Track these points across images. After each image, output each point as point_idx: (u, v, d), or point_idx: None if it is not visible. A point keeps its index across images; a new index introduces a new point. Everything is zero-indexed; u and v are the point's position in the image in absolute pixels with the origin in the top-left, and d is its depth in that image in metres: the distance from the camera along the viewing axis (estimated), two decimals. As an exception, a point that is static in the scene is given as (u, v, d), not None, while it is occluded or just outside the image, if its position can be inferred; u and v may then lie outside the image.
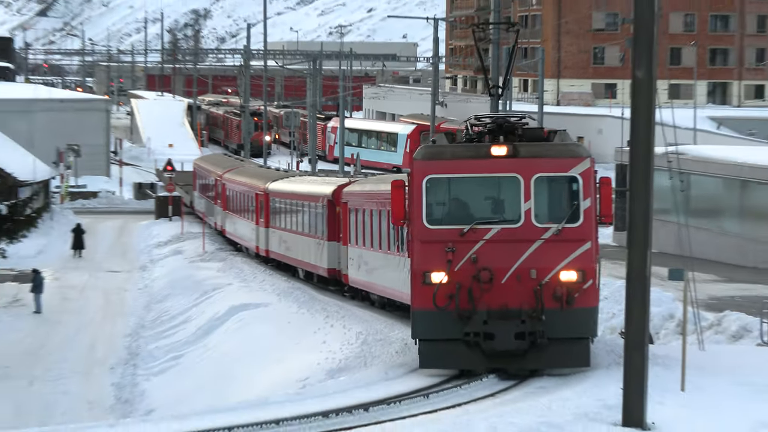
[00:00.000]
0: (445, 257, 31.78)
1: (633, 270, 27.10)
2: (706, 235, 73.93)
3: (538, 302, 31.36)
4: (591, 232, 32.63)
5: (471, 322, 31.30)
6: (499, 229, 31.80)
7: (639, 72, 26.75)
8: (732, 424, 26.68)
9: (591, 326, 32.67)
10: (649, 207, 27.09)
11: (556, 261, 31.38)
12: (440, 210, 32.46)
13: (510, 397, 31.65)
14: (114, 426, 29.57)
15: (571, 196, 32.03)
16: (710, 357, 37.95)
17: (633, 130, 26.99)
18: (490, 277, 31.18)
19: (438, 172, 32.11)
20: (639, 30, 26.57)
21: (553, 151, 32.85)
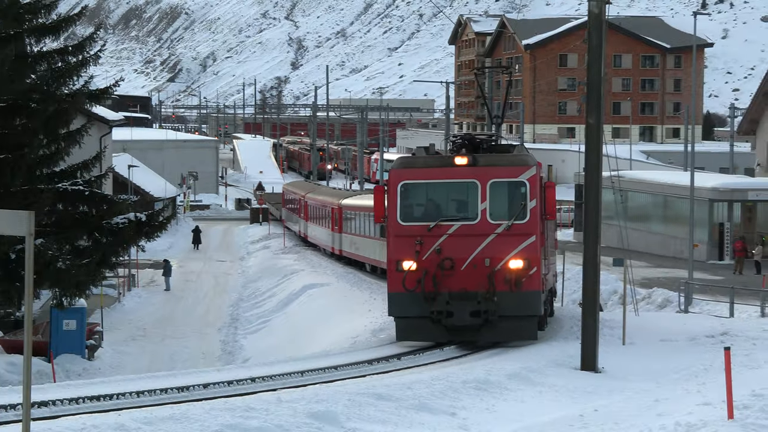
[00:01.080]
0: (414, 249, 30.82)
1: (587, 259, 27.25)
2: (638, 234, 73.41)
3: (491, 286, 30.03)
4: (536, 228, 30.89)
5: (435, 303, 30.27)
6: (459, 225, 30.92)
7: (590, 119, 26.69)
8: (656, 368, 26.71)
9: (536, 306, 30.94)
10: (598, 214, 27.06)
11: (506, 251, 30.24)
12: (411, 210, 31.78)
13: (499, 350, 31.71)
14: (221, 370, 29.64)
15: (520, 198, 30.73)
16: (643, 321, 37.69)
17: (587, 160, 27.07)
18: (451, 265, 30.25)
19: (410, 178, 31.57)
20: (590, 90, 26.43)
21: (505, 161, 31.91)
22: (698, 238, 67.28)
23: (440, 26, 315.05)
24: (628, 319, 34.73)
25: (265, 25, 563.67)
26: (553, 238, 42.56)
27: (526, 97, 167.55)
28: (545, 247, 32.84)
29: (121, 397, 20.06)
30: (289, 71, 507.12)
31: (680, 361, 27.81)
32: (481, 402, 21.03)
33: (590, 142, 26.83)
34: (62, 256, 35.51)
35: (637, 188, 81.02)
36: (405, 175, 31.73)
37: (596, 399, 22.13)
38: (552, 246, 40.58)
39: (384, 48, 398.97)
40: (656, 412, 18.96)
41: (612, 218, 60.13)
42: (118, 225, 38.00)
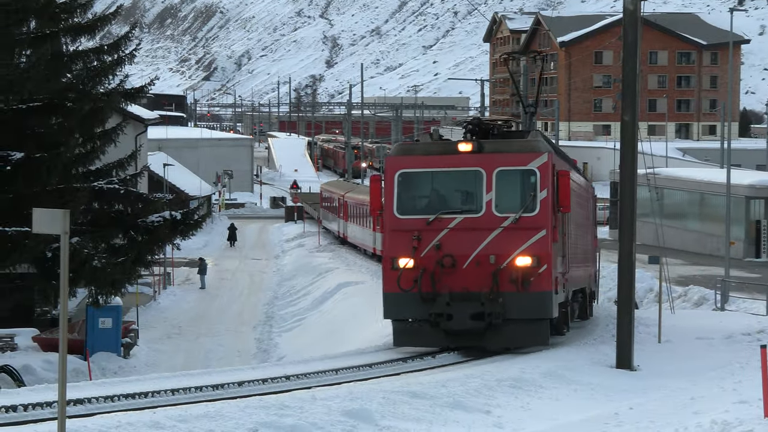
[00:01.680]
0: (411, 244, 26.59)
1: (623, 256, 27.08)
2: (674, 232, 73.08)
3: (495, 285, 25.87)
4: (547, 221, 26.49)
5: (435, 304, 26.21)
6: (462, 218, 26.41)
7: (626, 116, 26.56)
8: (692, 366, 26.55)
9: (547, 308, 26.54)
10: (634, 212, 27.00)
11: (513, 247, 25.91)
12: (409, 201, 27.22)
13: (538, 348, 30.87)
14: (255, 368, 29.38)
15: (529, 188, 26.40)
16: (679, 319, 37.55)
17: (622, 157, 26.95)
18: (452, 262, 25.90)
19: (408, 166, 27.29)
20: (626, 87, 26.37)
21: (514, 147, 27.68)
22: (734, 235, 67.21)
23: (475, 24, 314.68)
24: (664, 317, 34.58)
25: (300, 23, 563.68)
26: (593, 235, 40.56)
27: (561, 95, 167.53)
28: (560, 242, 28.41)
29: (156, 395, 20.12)
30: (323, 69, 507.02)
31: (716, 359, 27.71)
32: (516, 400, 20.97)
33: (625, 139, 26.75)
34: (98, 255, 35.64)
35: (673, 186, 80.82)
36: (402, 163, 27.73)
37: (631, 397, 22.07)
38: (589, 244, 38.54)
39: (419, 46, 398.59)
40: (692, 411, 18.91)
41: (647, 216, 59.89)
42: (154, 223, 38.14)
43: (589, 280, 37.65)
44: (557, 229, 26.90)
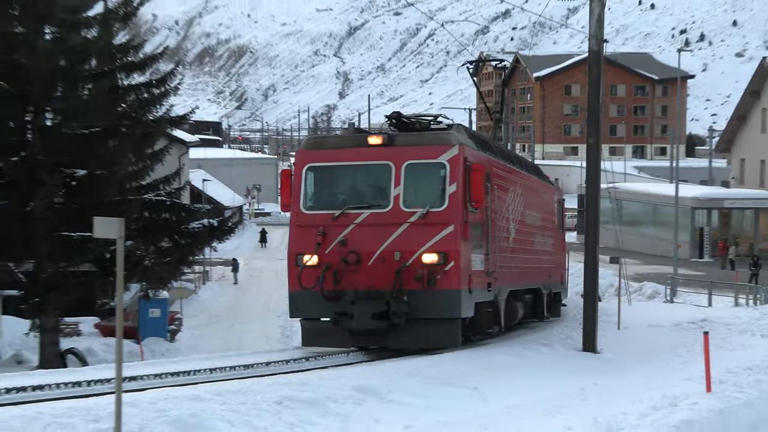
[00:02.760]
0: (315, 240, 21.91)
1: (588, 257, 27.02)
2: (631, 237, 73.00)
3: (399, 283, 21.14)
4: (455, 216, 21.57)
5: (339, 303, 21.68)
6: (369, 213, 21.72)
7: (591, 139, 26.56)
8: (646, 349, 26.56)
9: (454, 308, 21.65)
10: (597, 219, 26.93)
11: (419, 244, 21.26)
12: (317, 196, 22.58)
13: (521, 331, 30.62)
14: (281, 351, 29.09)
15: (438, 182, 21.67)
16: (635, 309, 37.61)
17: (587, 174, 26.88)
18: (357, 259, 21.34)
19: (317, 160, 22.58)
20: (590, 115, 26.36)
21: (424, 140, 22.72)
22: (681, 239, 67.33)
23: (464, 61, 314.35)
24: (623, 308, 34.52)
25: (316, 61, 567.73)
26: (561, 239, 35.57)
27: (536, 121, 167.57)
28: (479, 239, 22.79)
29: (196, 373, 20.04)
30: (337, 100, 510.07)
31: (666, 343, 27.68)
32: (498, 379, 20.66)
33: (590, 159, 26.73)
34: (148, 256, 36.04)
35: (630, 198, 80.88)
36: (311, 157, 22.90)
37: (595, 375, 22.01)
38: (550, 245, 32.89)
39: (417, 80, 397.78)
40: (646, 387, 18.93)
41: (608, 223, 59.89)
42: (195, 229, 38.55)
43: (549, 281, 32.12)
44: (469, 224, 21.49)
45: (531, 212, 28.46)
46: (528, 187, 28.22)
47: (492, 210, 23.37)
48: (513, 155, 29.63)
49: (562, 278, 34.99)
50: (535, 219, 29.07)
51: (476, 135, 24.64)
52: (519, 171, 27.17)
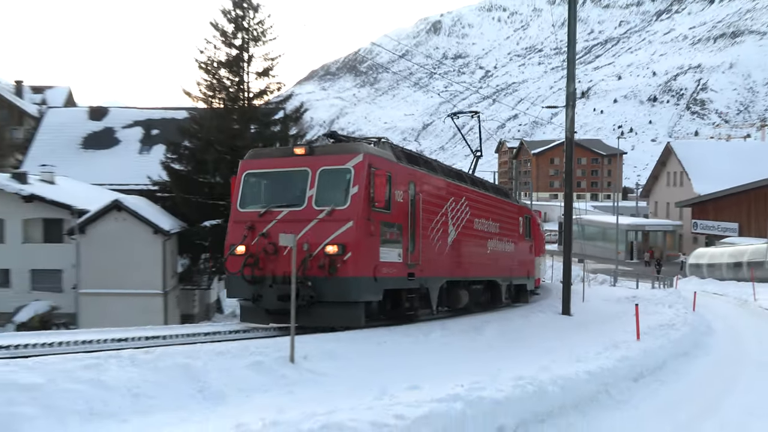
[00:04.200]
0: (244, 233, 17.68)
1: (565, 258, 26.48)
2: (590, 247, 72.08)
3: (304, 270, 16.46)
4: (356, 214, 16.93)
5: (258, 286, 17.23)
6: (287, 211, 17.49)
7: (567, 190, 26.16)
8: (601, 314, 25.79)
9: (352, 292, 16.83)
10: (570, 236, 26.46)
11: (324, 237, 16.90)
12: (250, 197, 18.28)
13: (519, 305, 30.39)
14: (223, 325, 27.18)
15: (344, 184, 17.40)
16: (592, 290, 36.91)
17: (565, 209, 26.37)
18: (274, 249, 17.01)
19: (254, 168, 18.37)
20: (566, 175, 25.97)
21: (337, 149, 18.19)
22: (620, 249, 67.33)
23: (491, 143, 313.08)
24: (585, 289, 34.22)
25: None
26: (529, 244, 29.45)
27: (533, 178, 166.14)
28: (387, 235, 17.38)
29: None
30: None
31: (613, 310, 27.11)
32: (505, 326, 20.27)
33: (566, 201, 26.27)
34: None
35: (589, 224, 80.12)
36: (250, 165, 18.66)
37: (571, 329, 21.66)
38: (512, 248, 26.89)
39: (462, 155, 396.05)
40: (601, 337, 18.57)
41: (577, 238, 59.50)
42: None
43: (511, 275, 26.71)
44: (376, 222, 16.62)
45: (482, 220, 23.28)
46: (478, 201, 22.87)
47: (417, 213, 18.24)
48: (467, 176, 23.54)
49: (528, 273, 29.09)
50: (488, 226, 23.80)
51: (407, 153, 19.28)
52: (465, 187, 21.92)
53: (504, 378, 10.44)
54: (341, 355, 12.74)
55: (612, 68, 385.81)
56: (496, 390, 9.43)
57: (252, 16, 37.65)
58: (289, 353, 11.77)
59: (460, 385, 9.54)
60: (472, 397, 8.85)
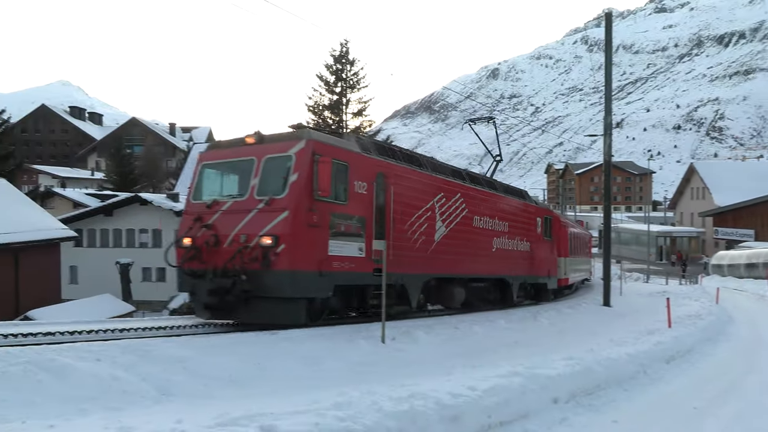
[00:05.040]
0: (190, 225, 13.50)
1: (605, 260, 25.62)
2: (626, 250, 69.80)
3: (236, 263, 12.30)
4: (292, 203, 12.34)
5: (200, 280, 12.83)
6: (232, 202, 13.20)
7: (606, 203, 25.31)
8: (636, 306, 24.83)
9: (286, 287, 12.01)
10: (609, 241, 25.58)
11: (259, 228, 12.44)
12: (202, 189, 14.02)
13: (564, 299, 28.67)
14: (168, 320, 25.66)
15: (284, 173, 12.82)
16: (629, 286, 35.71)
17: (604, 219, 25.48)
18: (216, 241, 12.84)
19: (208, 159, 14.17)
20: (605, 191, 25.18)
21: (283, 137, 13.52)
22: (651, 251, 64.84)
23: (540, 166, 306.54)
24: (622, 285, 32.97)
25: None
26: (548, 244, 24.68)
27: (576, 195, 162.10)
28: (335, 226, 12.89)
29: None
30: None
31: (646, 303, 26.10)
32: (556, 318, 19.72)
33: (605, 211, 25.43)
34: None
35: (624, 231, 77.61)
36: (206, 157, 14.38)
37: (611, 317, 20.92)
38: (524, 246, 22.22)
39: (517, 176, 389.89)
40: (636, 324, 17.87)
41: (614, 243, 57.58)
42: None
43: (526, 274, 22.19)
44: (317, 212, 12.31)
45: (486, 218, 19.01)
46: (479, 198, 18.62)
47: (388, 206, 14.14)
48: (467, 174, 18.95)
49: (549, 273, 24.56)
50: (493, 224, 19.45)
51: (379, 145, 14.97)
52: (461, 184, 17.73)
53: (556, 358, 10.13)
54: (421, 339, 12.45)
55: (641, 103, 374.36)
56: (550, 368, 9.14)
57: (349, 68, 38.20)
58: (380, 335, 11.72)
59: (520, 364, 9.29)
60: (529, 373, 8.60)
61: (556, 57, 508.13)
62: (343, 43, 38.49)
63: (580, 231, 32.97)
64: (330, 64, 38.25)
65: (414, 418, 6.31)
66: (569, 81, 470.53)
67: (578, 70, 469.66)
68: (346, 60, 38.24)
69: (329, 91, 38.07)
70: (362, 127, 38.22)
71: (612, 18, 25.33)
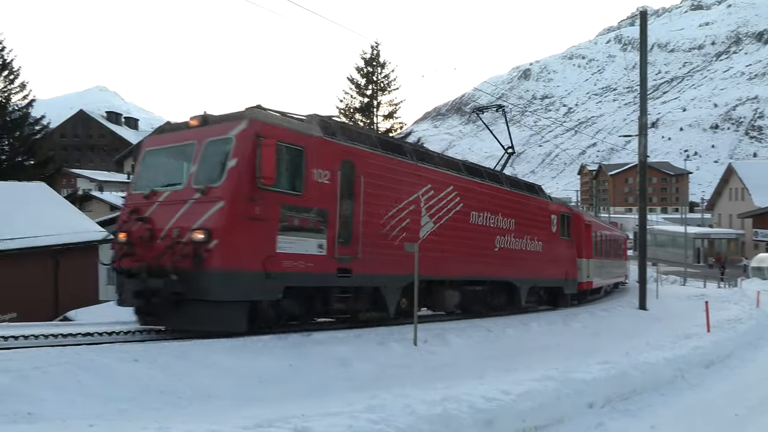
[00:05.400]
0: (125, 218, 11.25)
1: (641, 262, 25.17)
2: (662, 252, 68.59)
3: (163, 261, 9.98)
4: (229, 192, 10.00)
5: (137, 280, 10.23)
6: (169, 192, 10.80)
7: (641, 204, 24.89)
8: (672, 309, 24.30)
9: (218, 288, 9.68)
10: (645, 244, 25.16)
11: (192, 221, 10.05)
12: (143, 178, 11.62)
13: (598, 302, 29.00)
14: None
15: (223, 157, 10.38)
16: (665, 289, 35.00)
17: (639, 220, 25.08)
18: (150, 236, 10.46)
19: (153, 145, 11.92)
20: (640, 192, 24.77)
21: (228, 117, 10.92)
22: (688, 254, 63.63)
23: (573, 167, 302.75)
24: (658, 288, 32.36)
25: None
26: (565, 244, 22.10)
27: (610, 196, 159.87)
28: (286, 219, 10.63)
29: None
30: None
31: (684, 306, 25.54)
32: (591, 320, 19.32)
33: (641, 213, 25.02)
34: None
35: (660, 233, 76.18)
36: (151, 142, 12.17)
37: (648, 321, 20.56)
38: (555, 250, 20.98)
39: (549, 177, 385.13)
40: (673, 327, 17.52)
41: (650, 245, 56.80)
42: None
43: (536, 277, 19.72)
44: (261, 202, 10.26)
45: (486, 214, 16.71)
46: (478, 192, 16.33)
47: (357, 198, 12.19)
48: (464, 165, 16.65)
49: (566, 275, 21.93)
50: (496, 221, 17.20)
51: (348, 128, 12.86)
52: (455, 176, 15.49)
53: (591, 362, 9.98)
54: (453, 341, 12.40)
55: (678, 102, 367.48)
56: (585, 372, 9.02)
57: (380, 71, 38.28)
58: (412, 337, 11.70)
59: (554, 368, 9.17)
60: (564, 377, 8.49)
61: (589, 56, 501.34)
62: (374, 46, 38.60)
63: (611, 232, 31.55)
64: (361, 66, 38.41)
65: (447, 422, 6.27)
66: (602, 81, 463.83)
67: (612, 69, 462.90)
68: (377, 63, 38.34)
69: (360, 93, 38.21)
70: (393, 129, 38.27)
71: (647, 16, 24.92)
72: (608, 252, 29.16)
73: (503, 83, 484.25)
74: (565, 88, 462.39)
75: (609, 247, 29.46)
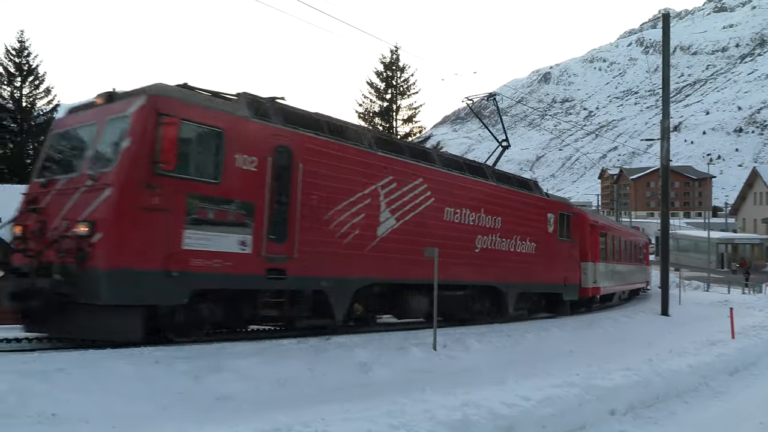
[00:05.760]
0: (23, 210, 9.36)
1: (663, 267, 24.87)
2: (685, 257, 67.80)
3: (47, 257, 8.38)
4: (118, 178, 8.21)
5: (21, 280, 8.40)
6: (65, 179, 8.91)
7: (663, 208, 24.60)
8: (695, 315, 23.96)
9: (103, 291, 7.88)
10: (667, 248, 24.88)
11: (79, 212, 8.30)
12: (45, 164, 9.75)
13: (618, 308, 28.91)
14: None
15: (118, 138, 8.52)
16: (688, 294, 34.50)
17: (661, 225, 24.80)
18: (41, 229, 8.77)
19: (59, 127, 9.92)
20: (662, 196, 24.47)
21: (130, 94, 8.98)
22: (711, 259, 62.89)
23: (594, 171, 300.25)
24: (682, 294, 31.94)
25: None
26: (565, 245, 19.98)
27: (632, 200, 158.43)
28: (177, 209, 8.74)
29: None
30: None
31: (707, 312, 25.22)
32: (614, 326, 19.11)
33: (663, 218, 24.78)
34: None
35: (683, 238, 75.30)
36: (58, 124, 10.13)
37: (670, 327, 20.25)
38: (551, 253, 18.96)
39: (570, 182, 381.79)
40: (697, 334, 17.27)
41: (672, 250, 56.04)
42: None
43: (527, 281, 17.63)
44: (161, 190, 8.57)
45: (465, 210, 14.88)
46: (455, 186, 14.61)
47: (294, 189, 10.64)
48: (439, 155, 14.95)
49: (565, 280, 19.76)
50: (478, 219, 15.31)
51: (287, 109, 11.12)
52: (425, 167, 13.74)
53: (612, 368, 9.87)
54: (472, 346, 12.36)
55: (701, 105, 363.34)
56: (607, 379, 8.91)
57: (399, 75, 38.28)
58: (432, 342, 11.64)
59: (575, 374, 9.08)
60: (585, 384, 8.40)
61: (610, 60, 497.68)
62: (393, 50, 38.63)
63: (628, 235, 30.12)
64: (380, 70, 38.44)
65: (467, 428, 6.24)
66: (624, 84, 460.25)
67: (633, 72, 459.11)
68: (397, 67, 38.35)
69: (379, 97, 38.23)
70: (412, 133, 38.26)
71: (669, 19, 24.68)
72: (624, 256, 27.49)
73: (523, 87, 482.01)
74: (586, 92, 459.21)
75: (625, 251, 27.60)
